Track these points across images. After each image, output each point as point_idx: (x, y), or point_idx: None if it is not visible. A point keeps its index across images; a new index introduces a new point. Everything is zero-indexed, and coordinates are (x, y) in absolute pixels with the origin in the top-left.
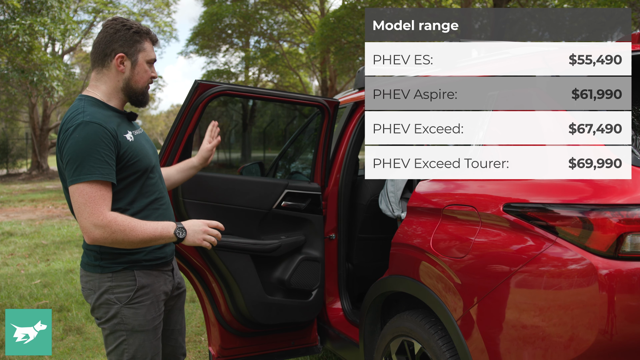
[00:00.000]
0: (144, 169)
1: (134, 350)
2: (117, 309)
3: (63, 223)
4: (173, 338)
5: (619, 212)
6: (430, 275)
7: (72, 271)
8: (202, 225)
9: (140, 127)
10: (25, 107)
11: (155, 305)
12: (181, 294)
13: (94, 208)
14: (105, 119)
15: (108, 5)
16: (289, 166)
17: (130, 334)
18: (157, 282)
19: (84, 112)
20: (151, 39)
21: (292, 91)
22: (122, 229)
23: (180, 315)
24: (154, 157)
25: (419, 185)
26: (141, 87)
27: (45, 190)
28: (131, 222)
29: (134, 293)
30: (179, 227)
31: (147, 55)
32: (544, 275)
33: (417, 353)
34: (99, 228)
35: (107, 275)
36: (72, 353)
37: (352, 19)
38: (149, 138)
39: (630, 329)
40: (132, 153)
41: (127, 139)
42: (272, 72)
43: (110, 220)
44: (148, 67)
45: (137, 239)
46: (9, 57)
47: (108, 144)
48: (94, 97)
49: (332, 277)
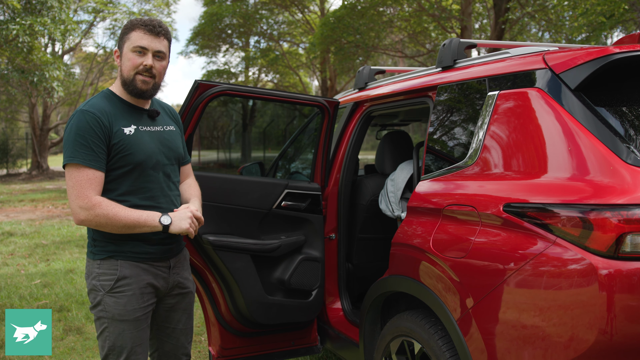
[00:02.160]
0: (137, 163)
1: (114, 338)
2: (101, 296)
3: (63, 223)
4: (174, 337)
5: (619, 212)
6: (430, 275)
7: (72, 271)
8: (187, 212)
9: (172, 127)
10: (25, 107)
11: (139, 297)
12: (185, 295)
13: (80, 191)
14: (105, 110)
15: (108, 5)
16: (289, 166)
17: (111, 322)
18: (142, 274)
19: (87, 102)
20: (143, 26)
21: (292, 91)
22: (106, 213)
23: (184, 315)
24: (164, 155)
25: (419, 185)
26: (127, 76)
27: (45, 190)
28: (115, 207)
29: (114, 282)
30: (164, 215)
31: (131, 44)
32: (543, 275)
33: (417, 353)
34: (83, 210)
35: (96, 262)
36: (72, 353)
37: (352, 19)
38: (171, 137)
39: (630, 329)
40: (124, 146)
41: (124, 131)
42: (272, 72)
43: (95, 203)
44: (135, 55)
45: (120, 223)
46: (9, 57)
47: (97, 132)
48: (111, 90)
49: (332, 277)
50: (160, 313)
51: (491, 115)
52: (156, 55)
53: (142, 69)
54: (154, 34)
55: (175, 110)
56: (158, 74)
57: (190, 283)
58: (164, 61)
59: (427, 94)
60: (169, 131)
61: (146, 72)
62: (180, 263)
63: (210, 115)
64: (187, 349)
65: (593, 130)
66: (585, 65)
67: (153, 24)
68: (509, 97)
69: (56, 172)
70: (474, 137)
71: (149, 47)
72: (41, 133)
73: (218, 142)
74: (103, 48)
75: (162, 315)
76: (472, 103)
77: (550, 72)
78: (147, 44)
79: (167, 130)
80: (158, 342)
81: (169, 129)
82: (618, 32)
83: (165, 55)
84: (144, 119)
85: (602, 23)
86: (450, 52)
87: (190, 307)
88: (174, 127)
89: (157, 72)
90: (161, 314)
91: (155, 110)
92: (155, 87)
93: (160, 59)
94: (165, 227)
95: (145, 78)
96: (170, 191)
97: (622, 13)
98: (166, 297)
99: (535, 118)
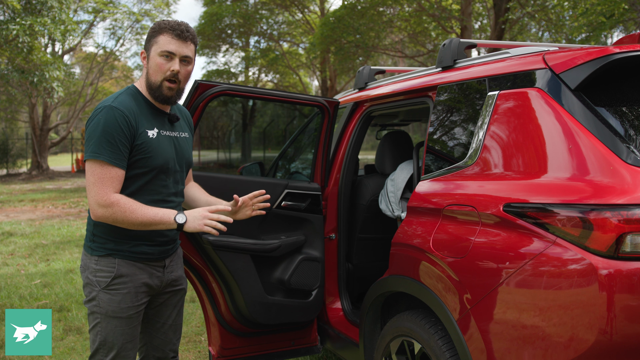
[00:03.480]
0: (154, 167)
1: (106, 333)
2: (96, 292)
3: (63, 223)
4: (163, 331)
5: (619, 212)
6: (430, 275)
7: (72, 271)
8: (202, 211)
9: (186, 133)
10: (25, 107)
11: (133, 296)
12: (177, 292)
13: (100, 188)
14: (132, 109)
15: (108, 5)
16: (289, 166)
17: (104, 317)
18: (139, 274)
19: (115, 98)
20: (171, 30)
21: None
22: (123, 210)
23: (174, 311)
24: (176, 161)
25: (419, 185)
26: (154, 80)
27: (45, 190)
28: (132, 205)
29: (111, 280)
30: (179, 213)
31: (158, 47)
32: (543, 275)
33: (417, 353)
34: (102, 207)
35: (94, 257)
36: (72, 353)
37: (352, 19)
38: (185, 145)
39: (630, 329)
40: (146, 148)
41: (147, 134)
42: (272, 72)
43: (113, 201)
44: (162, 60)
45: (136, 221)
46: (9, 58)
47: (125, 130)
48: (136, 87)
49: (332, 277)
50: (151, 308)
51: (491, 115)
52: (183, 60)
53: (169, 74)
54: (182, 38)
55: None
56: (183, 79)
57: (183, 280)
58: (190, 66)
59: (427, 94)
60: (183, 138)
61: (173, 78)
62: (175, 262)
63: (210, 115)
64: (175, 345)
65: (593, 130)
66: (585, 65)
67: (181, 28)
68: (509, 97)
69: (56, 172)
70: (474, 137)
71: (176, 52)
72: (41, 133)
73: (218, 142)
74: (103, 48)
75: (153, 310)
76: (472, 103)
77: (550, 72)
78: (174, 48)
79: (182, 137)
80: (147, 337)
81: (183, 136)
82: (618, 32)
83: (191, 60)
84: (165, 124)
85: (602, 23)
86: (450, 52)
87: (181, 304)
88: (188, 134)
89: (182, 77)
90: (152, 309)
91: (175, 116)
92: (180, 93)
93: (186, 63)
94: (180, 226)
95: (171, 85)
96: (176, 197)
97: (622, 13)
98: (159, 293)
99: (535, 118)
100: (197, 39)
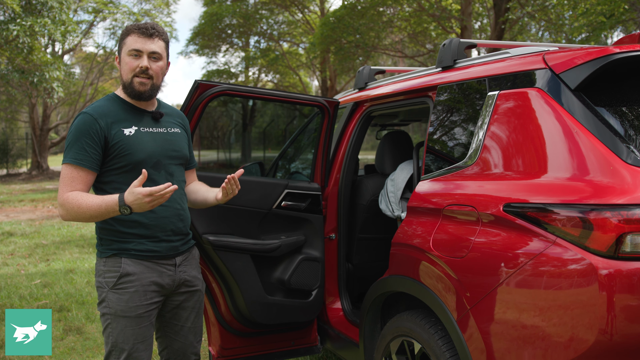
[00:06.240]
0: (136, 162)
1: (117, 334)
2: (106, 293)
3: (63, 223)
4: (182, 334)
5: (619, 212)
6: (430, 275)
7: (72, 271)
8: (142, 197)
9: (177, 129)
10: (25, 107)
11: (141, 294)
12: (193, 293)
13: (60, 189)
14: (104, 112)
15: (108, 5)
16: (289, 166)
17: (113, 318)
18: (146, 272)
19: (90, 105)
20: (137, 30)
21: (292, 91)
22: (72, 206)
23: (192, 313)
24: (161, 155)
25: (419, 185)
26: (126, 79)
27: (45, 190)
28: (78, 200)
29: (117, 279)
30: (122, 206)
31: (127, 48)
32: (543, 275)
33: (417, 353)
34: (59, 207)
35: (102, 259)
36: (72, 353)
37: (352, 19)
38: (175, 139)
39: (630, 329)
40: (123, 146)
41: (124, 132)
42: (272, 72)
43: (64, 199)
44: (131, 58)
45: (86, 214)
46: (9, 58)
47: (92, 134)
48: (115, 94)
49: (332, 277)
50: (167, 310)
51: (491, 115)
52: (151, 57)
53: (138, 70)
54: (147, 35)
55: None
56: (155, 75)
57: (199, 282)
58: (160, 62)
59: (427, 94)
60: (173, 133)
61: (143, 74)
62: (188, 261)
63: (210, 115)
64: (197, 348)
65: (593, 130)
66: (585, 65)
67: (146, 26)
68: (509, 97)
69: (56, 172)
70: (474, 137)
71: (143, 49)
72: (41, 133)
73: (218, 142)
74: (103, 48)
75: (170, 313)
76: (472, 103)
77: (550, 72)
78: (140, 46)
79: (171, 132)
80: (167, 340)
81: (173, 131)
82: (618, 32)
83: (160, 56)
84: (146, 120)
85: (602, 23)
86: (450, 52)
87: (200, 306)
88: (180, 130)
89: (154, 73)
90: (169, 311)
91: (158, 112)
92: (154, 88)
93: (155, 59)
94: (126, 207)
95: (142, 79)
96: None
97: (622, 13)
98: (173, 294)
99: (535, 118)
100: (166, 36)
